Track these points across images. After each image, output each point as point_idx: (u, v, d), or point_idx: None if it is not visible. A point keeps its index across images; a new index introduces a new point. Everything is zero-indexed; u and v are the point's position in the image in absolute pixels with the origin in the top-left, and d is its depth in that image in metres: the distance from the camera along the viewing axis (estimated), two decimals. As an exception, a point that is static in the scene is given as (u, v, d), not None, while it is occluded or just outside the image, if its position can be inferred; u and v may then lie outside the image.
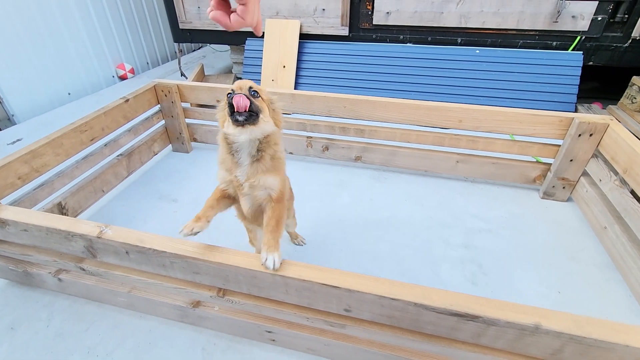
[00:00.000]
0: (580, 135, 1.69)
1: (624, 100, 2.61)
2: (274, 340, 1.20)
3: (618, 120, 1.97)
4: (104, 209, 1.90)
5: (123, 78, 3.98)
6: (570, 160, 1.78)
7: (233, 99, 0.87)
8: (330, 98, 1.98)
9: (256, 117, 0.91)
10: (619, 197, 1.52)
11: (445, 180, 2.13)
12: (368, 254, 1.61)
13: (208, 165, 2.29)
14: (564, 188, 1.89)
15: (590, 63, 2.78)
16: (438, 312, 0.83)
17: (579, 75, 2.71)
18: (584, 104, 2.84)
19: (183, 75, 3.86)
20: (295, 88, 3.19)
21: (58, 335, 1.27)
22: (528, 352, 0.85)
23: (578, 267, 1.54)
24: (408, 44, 3.06)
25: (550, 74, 2.76)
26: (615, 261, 1.53)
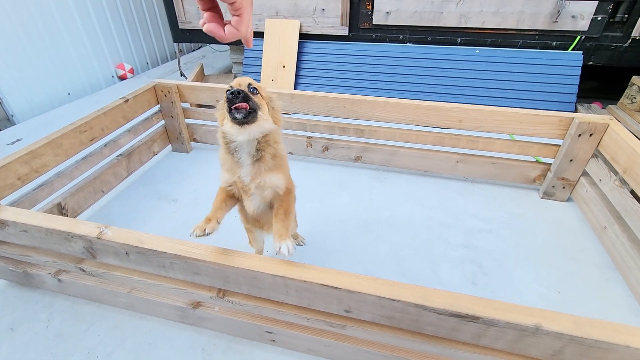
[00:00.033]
0: (580, 135, 1.69)
1: (624, 100, 2.62)
2: (274, 340, 1.20)
3: (618, 120, 1.97)
4: (104, 209, 1.90)
5: (122, 78, 3.98)
6: (570, 160, 1.78)
7: (231, 93, 0.85)
8: (330, 98, 1.98)
9: (255, 115, 0.90)
10: (618, 197, 1.52)
11: (445, 180, 2.13)
12: (368, 254, 1.61)
13: (208, 166, 2.29)
14: (563, 188, 1.89)
15: (590, 63, 2.78)
16: (438, 313, 0.83)
17: (579, 75, 2.71)
18: (583, 103, 2.84)
19: (183, 75, 3.86)
20: (295, 88, 3.19)
21: (58, 335, 1.27)
22: (528, 353, 0.85)
23: (578, 267, 1.54)
24: (408, 44, 3.05)
25: (550, 74, 2.76)
26: (615, 261, 1.53)
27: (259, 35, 3.20)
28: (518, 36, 2.80)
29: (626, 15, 2.55)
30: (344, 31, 3.09)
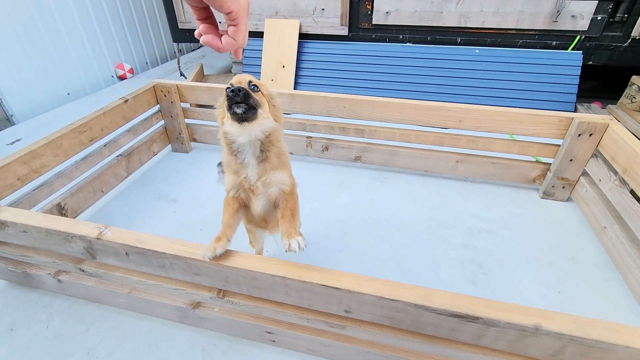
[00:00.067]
0: (580, 135, 1.69)
1: (624, 100, 2.61)
2: (274, 341, 1.20)
3: (617, 119, 1.97)
4: (104, 209, 1.90)
5: (122, 78, 3.98)
6: (570, 160, 1.78)
7: (232, 90, 0.83)
8: (330, 98, 1.98)
9: (255, 112, 0.88)
10: (618, 197, 1.52)
11: (445, 180, 2.13)
12: (368, 254, 1.61)
13: (207, 166, 2.29)
14: (563, 188, 1.89)
15: (590, 62, 2.78)
16: (438, 313, 0.83)
17: (579, 74, 2.71)
18: (583, 103, 2.84)
19: (182, 75, 3.86)
20: (295, 88, 3.18)
21: (58, 336, 1.27)
22: (528, 353, 0.85)
23: (578, 267, 1.54)
24: (407, 44, 3.05)
25: (550, 74, 2.75)
26: (615, 261, 1.53)
27: (258, 35, 3.20)
28: (518, 36, 2.80)
29: (626, 15, 2.55)
30: (344, 31, 3.09)
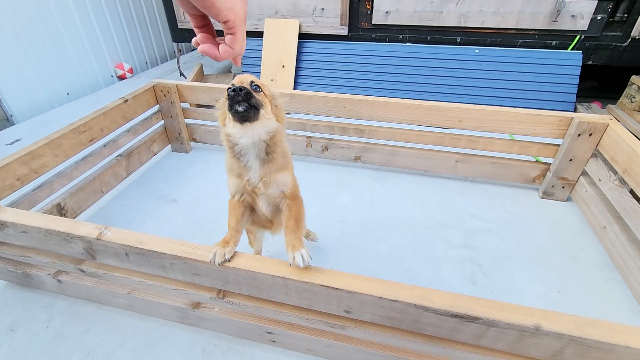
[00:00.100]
0: (579, 135, 1.69)
1: (623, 100, 2.61)
2: (274, 341, 1.20)
3: (617, 119, 1.98)
4: (103, 209, 1.90)
5: (122, 78, 3.97)
6: (570, 159, 1.78)
7: (233, 90, 0.82)
8: (330, 98, 1.98)
9: (257, 112, 0.86)
10: (618, 197, 1.52)
11: (445, 180, 2.13)
12: (368, 254, 1.61)
13: (207, 166, 2.29)
14: (563, 188, 1.89)
15: (590, 62, 2.78)
16: (438, 314, 0.83)
17: (579, 74, 2.71)
18: (583, 103, 2.84)
19: (182, 74, 3.85)
20: (295, 88, 3.18)
21: (58, 336, 1.27)
22: (528, 354, 0.85)
23: (578, 267, 1.54)
24: (407, 44, 3.05)
25: (550, 73, 2.76)
26: (615, 261, 1.53)
27: (258, 34, 3.20)
28: (518, 36, 2.80)
29: (626, 15, 2.55)
30: (344, 31, 3.08)
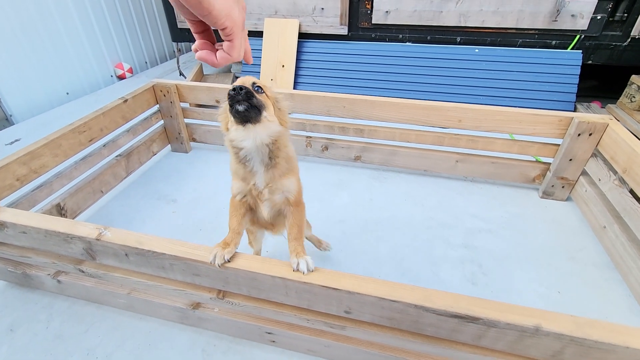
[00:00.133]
0: (579, 134, 1.69)
1: (623, 99, 2.61)
2: (274, 341, 1.19)
3: (617, 119, 1.98)
4: (103, 209, 1.90)
5: (121, 78, 3.97)
6: (570, 159, 1.78)
7: (233, 89, 0.80)
8: (330, 98, 1.97)
9: (259, 113, 0.84)
10: (618, 197, 1.52)
11: (445, 180, 2.13)
12: (368, 254, 1.61)
13: (207, 165, 2.29)
14: (563, 187, 1.89)
15: (590, 62, 2.78)
16: (438, 314, 0.82)
17: (578, 74, 2.71)
18: (583, 102, 2.84)
19: (182, 74, 3.85)
20: (294, 88, 3.18)
21: (57, 336, 1.27)
22: (528, 354, 0.85)
23: (578, 267, 1.54)
24: (407, 43, 3.05)
25: (550, 73, 2.75)
26: (615, 261, 1.53)
27: (258, 34, 3.19)
28: (517, 35, 2.80)
29: (625, 14, 2.55)
30: (344, 30, 3.08)
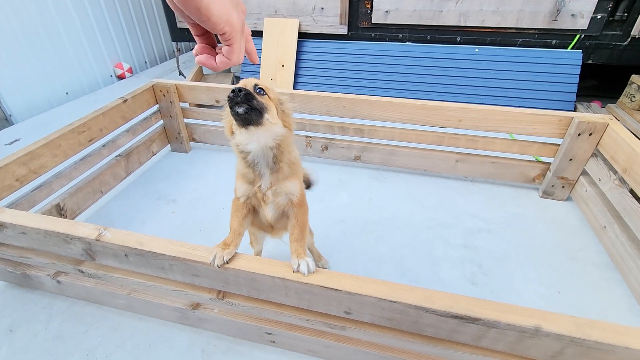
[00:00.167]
0: (579, 134, 1.69)
1: (623, 99, 2.61)
2: (274, 342, 1.19)
3: (617, 118, 1.98)
4: (103, 209, 1.90)
5: (121, 77, 3.96)
6: (570, 159, 1.78)
7: (232, 91, 0.79)
8: (329, 98, 1.97)
9: (260, 115, 0.83)
10: (618, 197, 1.52)
11: (445, 180, 2.13)
12: (368, 254, 1.61)
13: (207, 165, 2.29)
14: (563, 187, 1.89)
15: (590, 61, 2.78)
16: (438, 315, 0.82)
17: (579, 73, 2.71)
18: (583, 102, 2.84)
19: (181, 74, 3.85)
20: (294, 87, 3.18)
21: (57, 337, 1.27)
22: (528, 355, 0.85)
23: (578, 267, 1.54)
24: (407, 43, 3.05)
25: (550, 73, 2.75)
26: (615, 261, 1.53)
27: (257, 34, 3.19)
28: (517, 35, 2.80)
29: (626, 14, 2.54)
30: (343, 30, 3.08)
